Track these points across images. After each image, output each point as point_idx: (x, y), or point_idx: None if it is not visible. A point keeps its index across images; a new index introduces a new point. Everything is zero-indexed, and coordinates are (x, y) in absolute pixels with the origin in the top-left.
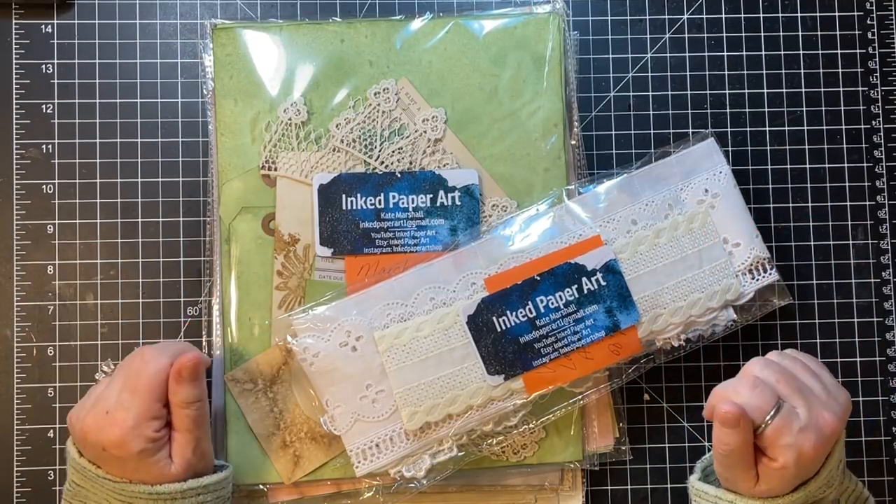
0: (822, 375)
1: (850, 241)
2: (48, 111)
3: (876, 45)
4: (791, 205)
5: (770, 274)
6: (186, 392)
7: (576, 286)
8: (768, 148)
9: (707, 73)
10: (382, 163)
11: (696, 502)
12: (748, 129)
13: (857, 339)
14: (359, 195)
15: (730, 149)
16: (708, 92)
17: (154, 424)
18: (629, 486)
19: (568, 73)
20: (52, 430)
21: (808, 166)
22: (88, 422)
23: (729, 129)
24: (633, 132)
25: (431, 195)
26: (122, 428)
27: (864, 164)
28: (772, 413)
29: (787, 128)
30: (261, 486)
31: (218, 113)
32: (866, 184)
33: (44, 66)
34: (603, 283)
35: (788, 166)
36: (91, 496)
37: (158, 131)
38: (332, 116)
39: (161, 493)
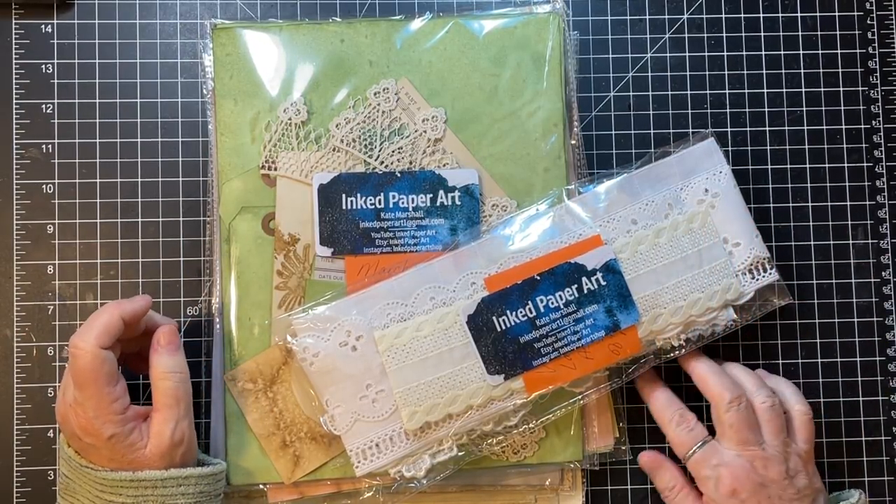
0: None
1: (850, 241)
2: (48, 111)
3: (876, 45)
4: (791, 205)
5: (770, 274)
6: (161, 361)
7: (576, 286)
8: (768, 148)
9: (707, 73)
10: (382, 163)
11: None
12: (748, 129)
13: (857, 339)
14: (359, 195)
15: (730, 149)
16: (708, 92)
17: (115, 407)
18: (629, 486)
19: (568, 73)
20: (52, 430)
21: (808, 166)
22: (61, 411)
23: (729, 129)
24: (633, 132)
25: (431, 195)
26: (84, 418)
27: (864, 164)
28: (695, 447)
29: (787, 128)
30: (261, 486)
31: (218, 113)
32: (866, 184)
33: (44, 66)
34: (603, 283)
35: (788, 166)
36: (78, 488)
37: (158, 131)
38: (332, 116)
39: (141, 479)
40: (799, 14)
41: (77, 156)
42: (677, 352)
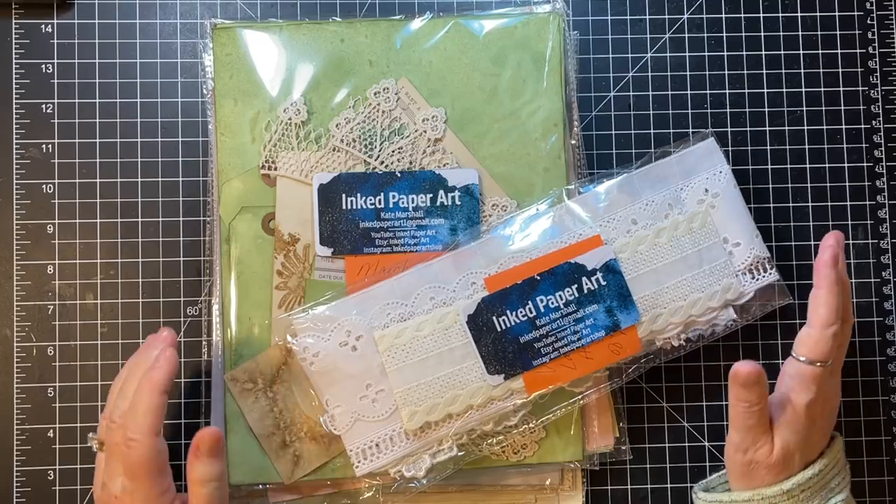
0: None
1: (850, 241)
2: (48, 111)
3: (876, 45)
4: (791, 205)
5: (770, 274)
6: (202, 469)
7: (576, 286)
8: (768, 148)
9: (707, 73)
10: (382, 162)
11: None
12: (748, 129)
13: (857, 339)
14: (359, 195)
15: (730, 149)
16: (708, 92)
17: (163, 500)
18: (629, 486)
19: (568, 72)
20: (52, 430)
21: (808, 166)
22: (103, 500)
23: (729, 129)
24: (633, 132)
25: (431, 195)
26: None
27: (864, 164)
28: (828, 362)
29: (787, 128)
30: (261, 486)
31: (218, 113)
32: (866, 184)
33: (44, 66)
34: (603, 283)
35: (788, 166)
36: None
37: (158, 131)
38: (332, 116)
39: None
40: (799, 14)
41: (77, 156)
42: (677, 352)
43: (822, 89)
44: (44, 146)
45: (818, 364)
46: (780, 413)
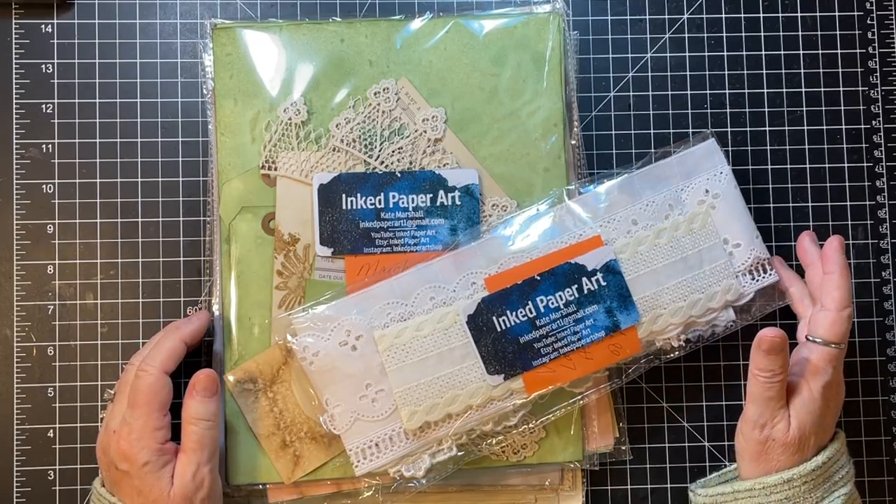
0: None
1: (850, 241)
2: (48, 111)
3: (876, 45)
4: (791, 205)
5: (770, 275)
6: (195, 407)
7: (576, 286)
8: (768, 148)
9: (707, 73)
10: (382, 162)
11: None
12: (748, 129)
13: (857, 339)
14: (359, 195)
15: (730, 149)
16: (708, 92)
17: (158, 435)
18: (629, 486)
19: (568, 72)
20: (52, 430)
21: (808, 166)
22: (101, 442)
23: (729, 129)
24: (633, 132)
25: (431, 195)
26: (127, 440)
27: (864, 164)
28: (843, 344)
29: (787, 128)
30: (261, 486)
31: (218, 113)
32: (866, 184)
33: (44, 66)
34: (603, 284)
35: (788, 166)
36: None
37: (158, 131)
38: (332, 116)
39: None
40: (799, 14)
41: (77, 156)
42: (677, 352)
43: (822, 89)
44: (44, 146)
45: (833, 345)
46: (795, 396)
